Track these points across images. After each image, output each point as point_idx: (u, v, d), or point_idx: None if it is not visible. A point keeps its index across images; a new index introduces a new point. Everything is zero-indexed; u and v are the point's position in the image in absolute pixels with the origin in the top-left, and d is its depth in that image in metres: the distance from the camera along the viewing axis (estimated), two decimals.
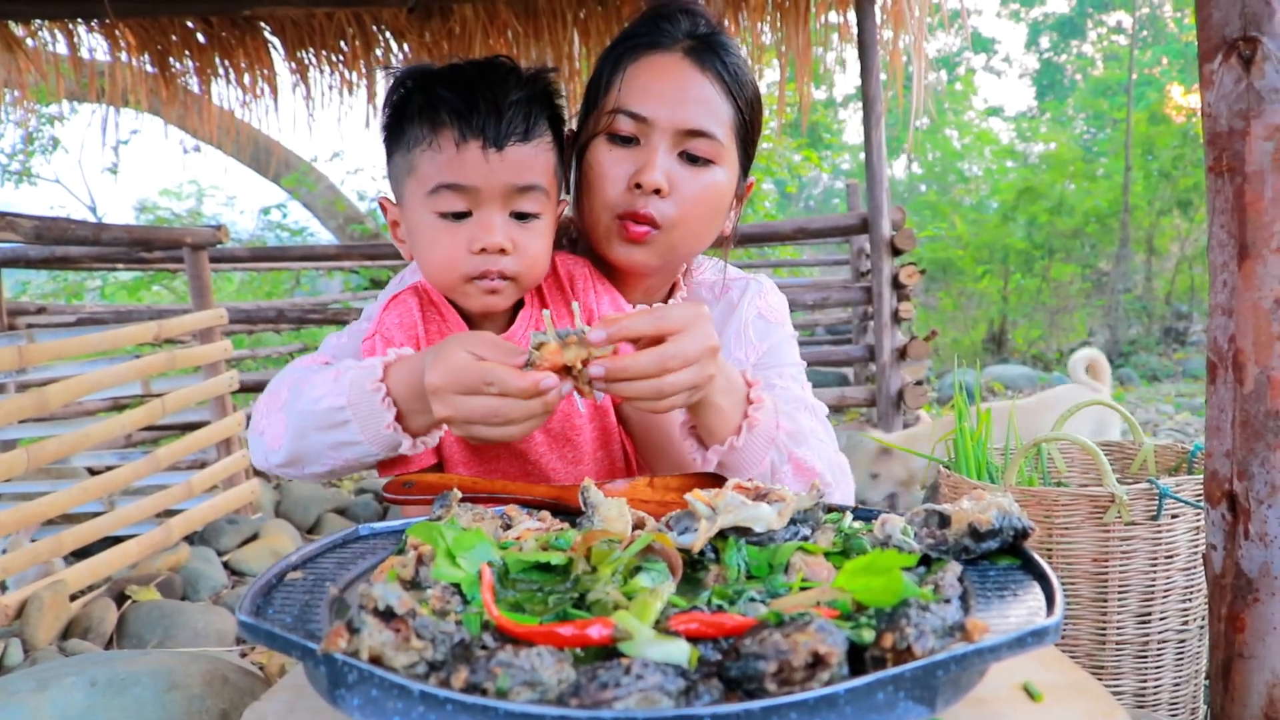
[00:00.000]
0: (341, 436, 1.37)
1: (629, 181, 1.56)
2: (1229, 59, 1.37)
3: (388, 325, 1.54)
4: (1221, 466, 1.49)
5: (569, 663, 0.76)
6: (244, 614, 0.89)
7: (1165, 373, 12.46)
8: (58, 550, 3.79)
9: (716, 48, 1.61)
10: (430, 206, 1.45)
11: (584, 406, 1.59)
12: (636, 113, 1.56)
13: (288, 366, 1.59)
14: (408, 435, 1.36)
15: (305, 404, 1.39)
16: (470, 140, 1.41)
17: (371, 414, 1.34)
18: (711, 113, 1.58)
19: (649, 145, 1.57)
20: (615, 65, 1.61)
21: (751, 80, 1.66)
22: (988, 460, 2.66)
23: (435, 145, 1.43)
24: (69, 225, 5.04)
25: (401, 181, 1.49)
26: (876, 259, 5.84)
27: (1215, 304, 1.46)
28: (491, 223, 1.44)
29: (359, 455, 1.39)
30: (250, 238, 16.02)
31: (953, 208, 17.78)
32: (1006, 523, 1.04)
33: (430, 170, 1.43)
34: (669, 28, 1.62)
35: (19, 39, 5.94)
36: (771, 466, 1.48)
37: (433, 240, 1.46)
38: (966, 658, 0.76)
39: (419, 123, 1.44)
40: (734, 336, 1.79)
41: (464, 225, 1.45)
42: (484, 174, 1.42)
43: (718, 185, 1.62)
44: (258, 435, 1.49)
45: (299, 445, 1.42)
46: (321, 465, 1.43)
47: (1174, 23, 23.26)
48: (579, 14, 5.79)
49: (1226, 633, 1.51)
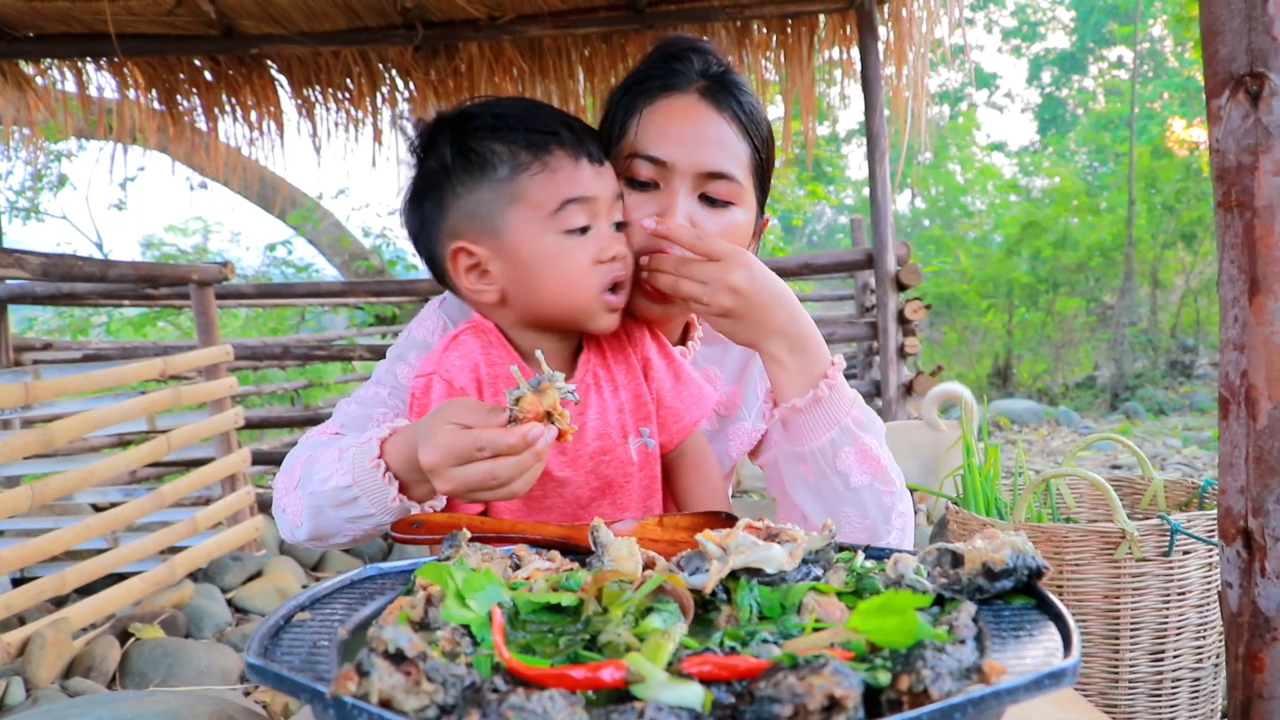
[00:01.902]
0: (355, 511, 1.39)
1: None
2: (1236, 95, 1.37)
3: (448, 366, 1.52)
4: (1236, 503, 1.48)
5: (581, 706, 0.74)
6: (252, 656, 0.88)
7: (1172, 406, 12.43)
8: (61, 587, 3.77)
9: (731, 87, 1.61)
10: (554, 226, 1.46)
11: (635, 454, 1.59)
12: (655, 156, 1.56)
13: (302, 440, 1.60)
14: (415, 503, 1.39)
15: (315, 484, 1.42)
16: (581, 158, 1.47)
17: (376, 490, 1.37)
18: (730, 154, 1.58)
19: (669, 189, 1.57)
20: (630, 108, 1.61)
21: (765, 118, 1.67)
22: (996, 496, 2.65)
23: (551, 166, 1.46)
24: (76, 262, 5.05)
25: (495, 215, 1.47)
26: (882, 294, 5.84)
27: (1226, 339, 1.46)
28: (610, 232, 1.51)
29: (376, 524, 1.41)
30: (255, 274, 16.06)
31: (957, 242, 17.82)
32: (1021, 562, 1.03)
33: (549, 191, 1.46)
34: (681, 68, 1.61)
35: (29, 77, 5.99)
36: (832, 444, 1.52)
37: (561, 260, 1.47)
38: (984, 700, 0.75)
39: (521, 151, 1.47)
40: (758, 376, 1.81)
41: (589, 239, 1.48)
42: (599, 186, 1.48)
43: (738, 225, 1.62)
44: (280, 513, 1.51)
45: (318, 522, 1.44)
46: (344, 536, 1.45)
47: (1175, 57, 23.41)
48: (584, 52, 5.84)
49: (1245, 672, 1.49)
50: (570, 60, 5.83)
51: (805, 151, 6.08)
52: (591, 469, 1.56)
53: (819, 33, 5.64)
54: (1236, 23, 1.36)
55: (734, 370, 1.82)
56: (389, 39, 5.60)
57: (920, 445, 4.78)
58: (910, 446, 4.71)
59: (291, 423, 7.64)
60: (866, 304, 9.06)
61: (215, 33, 5.57)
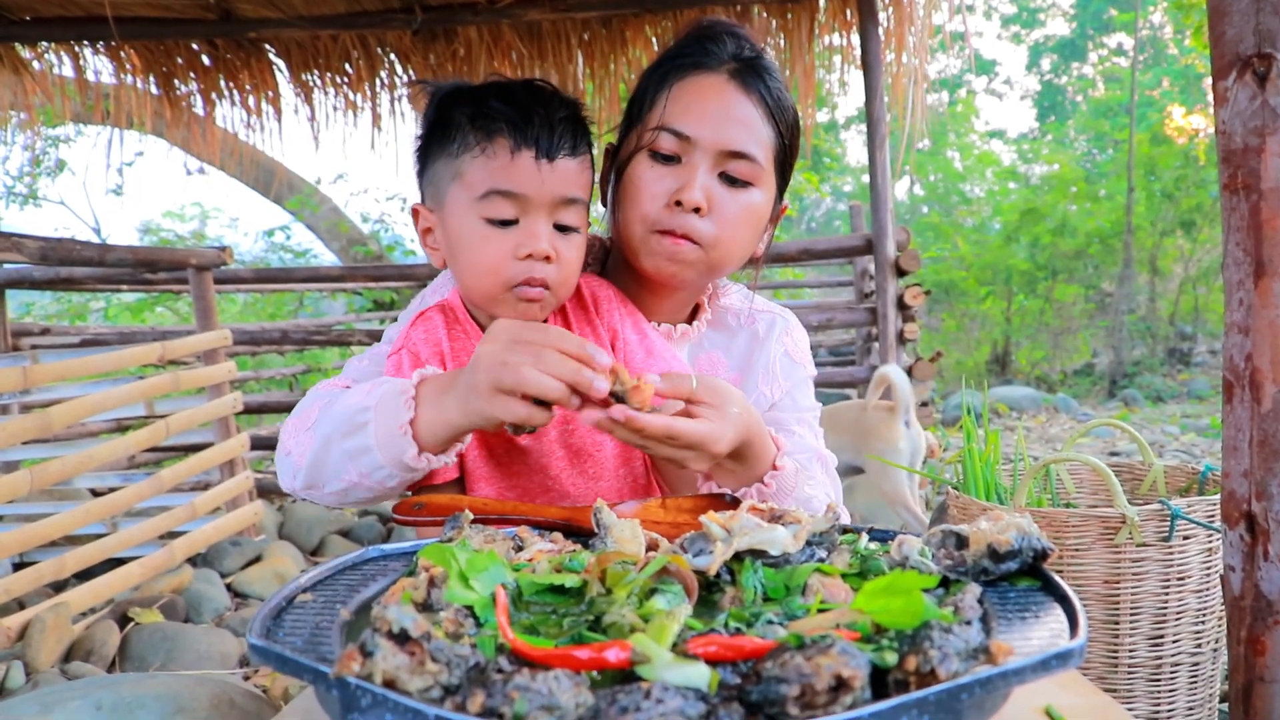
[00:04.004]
0: (358, 442, 1.37)
1: (669, 198, 1.58)
2: (1243, 76, 1.36)
3: (414, 341, 1.56)
4: (1239, 487, 1.48)
5: (586, 686, 0.74)
6: (254, 637, 0.88)
7: (1170, 394, 12.45)
8: (60, 572, 3.77)
9: (761, 71, 1.63)
10: (478, 212, 1.48)
11: None
12: (680, 131, 1.58)
13: (313, 389, 1.60)
14: (415, 443, 1.35)
15: (335, 412, 1.41)
16: (524, 150, 1.46)
17: (390, 414, 1.35)
18: (753, 135, 1.60)
19: (690, 164, 1.59)
20: (661, 83, 1.64)
21: (792, 105, 1.68)
22: (996, 481, 2.65)
23: (489, 152, 1.46)
24: (75, 246, 5.03)
25: (443, 188, 1.52)
26: (881, 280, 5.83)
27: (1231, 322, 1.45)
28: (538, 230, 1.48)
29: (369, 468, 1.38)
30: (253, 260, 16.04)
31: (955, 229, 17.80)
32: (1026, 544, 1.03)
33: (481, 176, 1.47)
34: (715, 49, 1.64)
35: (25, 61, 5.96)
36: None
37: (478, 245, 1.49)
38: (991, 681, 0.75)
39: (471, 130, 1.48)
40: (762, 372, 1.82)
41: (510, 232, 1.48)
42: (535, 183, 1.47)
43: (755, 206, 1.64)
44: (285, 455, 1.50)
45: (319, 458, 1.42)
46: (339, 481, 1.42)
47: (1174, 44, 23.34)
48: (583, 36, 5.81)
49: (1246, 656, 1.49)
50: (569, 45, 5.81)
51: (805, 139, 6.06)
52: (557, 438, 1.58)
53: (819, 18, 5.62)
54: (1244, 3, 1.35)
55: (739, 358, 1.83)
56: (388, 23, 5.57)
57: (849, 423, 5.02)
58: (844, 425, 4.98)
59: (290, 408, 7.62)
60: (865, 290, 9.05)
61: (213, 16, 5.53)
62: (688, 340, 1.80)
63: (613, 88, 5.90)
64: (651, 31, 5.74)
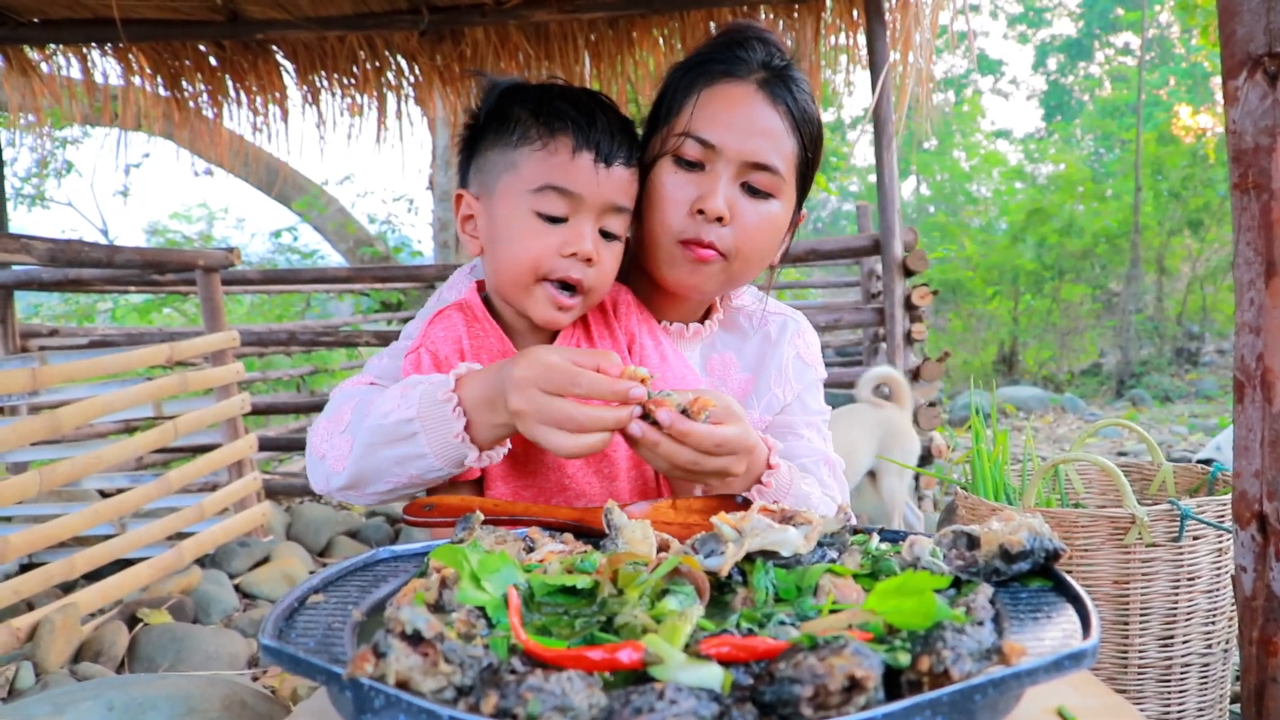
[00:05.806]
0: (409, 450, 1.38)
1: (691, 207, 1.58)
2: (1254, 75, 1.35)
3: (433, 339, 1.56)
4: (1250, 487, 1.47)
5: (599, 687, 0.74)
6: (267, 638, 0.88)
7: (1178, 393, 12.42)
8: (69, 573, 3.78)
9: (789, 82, 1.63)
10: (530, 204, 1.50)
11: None
12: (705, 139, 1.58)
13: (337, 390, 1.61)
14: (475, 447, 1.38)
15: (374, 420, 1.41)
16: (585, 151, 1.49)
17: (441, 424, 1.36)
18: (777, 147, 1.60)
19: (713, 172, 1.59)
20: (689, 89, 1.63)
21: (817, 117, 1.68)
22: (1005, 481, 2.65)
23: (550, 148, 1.49)
24: (83, 248, 5.04)
25: (494, 176, 1.54)
26: (889, 280, 5.82)
27: (1242, 322, 1.45)
28: (584, 231, 1.50)
29: (423, 470, 1.40)
30: (261, 261, 16.09)
31: (962, 229, 17.79)
32: (1038, 544, 1.03)
33: (539, 170, 1.49)
34: (745, 55, 1.63)
35: (34, 63, 5.98)
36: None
37: (523, 236, 1.51)
38: (1004, 681, 0.75)
39: (534, 124, 1.51)
40: (774, 374, 1.82)
41: (558, 229, 1.50)
42: (591, 185, 1.49)
43: (775, 217, 1.64)
44: (319, 459, 1.50)
45: (364, 463, 1.42)
46: (385, 483, 1.44)
47: (1181, 43, 23.29)
48: (590, 37, 5.81)
49: (1258, 657, 1.48)
50: (576, 45, 5.81)
51: None
52: None
53: (825, 18, 5.61)
54: (1254, 3, 1.34)
55: (751, 360, 1.83)
56: (395, 24, 5.58)
57: (871, 424, 4.96)
58: (865, 425, 4.90)
59: (297, 409, 7.65)
60: (872, 290, 9.04)
61: (220, 18, 5.55)
62: (699, 340, 1.80)
63: (620, 88, 5.90)
64: (658, 32, 5.74)
